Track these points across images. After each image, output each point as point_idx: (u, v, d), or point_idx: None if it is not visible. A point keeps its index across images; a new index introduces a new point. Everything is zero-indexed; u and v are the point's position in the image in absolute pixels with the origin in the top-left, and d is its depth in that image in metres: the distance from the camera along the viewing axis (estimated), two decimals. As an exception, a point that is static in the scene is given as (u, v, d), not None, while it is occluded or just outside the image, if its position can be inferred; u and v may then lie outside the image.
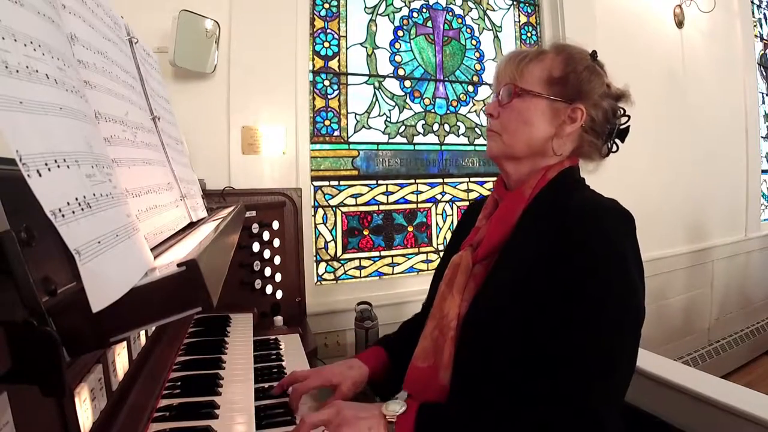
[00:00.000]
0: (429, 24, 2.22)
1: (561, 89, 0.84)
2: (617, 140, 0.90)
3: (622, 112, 0.89)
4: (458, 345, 0.80)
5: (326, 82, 1.98)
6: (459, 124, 2.27)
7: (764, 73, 3.55)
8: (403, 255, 2.16)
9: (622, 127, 0.89)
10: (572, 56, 0.86)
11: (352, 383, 0.92)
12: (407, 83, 2.16)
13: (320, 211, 1.98)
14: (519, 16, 2.44)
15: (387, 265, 2.12)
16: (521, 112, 0.84)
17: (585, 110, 0.83)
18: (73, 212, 0.34)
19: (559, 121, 0.84)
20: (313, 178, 1.94)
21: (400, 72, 2.14)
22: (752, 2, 3.40)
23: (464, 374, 0.79)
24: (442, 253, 1.12)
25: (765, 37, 3.59)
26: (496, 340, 0.76)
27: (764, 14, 3.63)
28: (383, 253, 2.11)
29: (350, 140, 2.03)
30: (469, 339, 0.79)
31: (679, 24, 2.85)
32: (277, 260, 1.49)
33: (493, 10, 2.38)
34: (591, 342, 0.68)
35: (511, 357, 0.74)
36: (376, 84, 2.09)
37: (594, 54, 0.89)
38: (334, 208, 2.01)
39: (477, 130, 2.31)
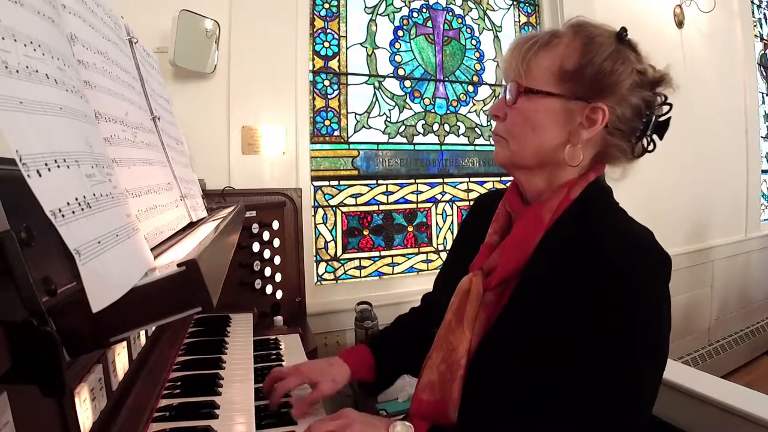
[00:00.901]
0: (429, 24, 2.22)
1: (576, 85, 0.69)
2: (654, 136, 0.75)
3: (662, 99, 0.74)
4: (467, 382, 0.73)
5: (326, 82, 1.98)
6: (459, 124, 2.27)
7: (764, 73, 3.55)
8: (403, 255, 2.16)
9: (661, 119, 0.74)
10: (591, 40, 0.70)
11: (332, 381, 0.86)
12: (407, 83, 2.16)
13: (320, 211, 1.98)
14: (519, 16, 2.44)
15: (387, 265, 2.12)
16: (528, 116, 0.72)
17: (607, 110, 0.69)
18: (73, 212, 0.34)
19: (573, 125, 0.70)
20: (313, 178, 1.94)
21: (400, 72, 2.14)
22: (752, 2, 3.40)
23: (473, 412, 0.73)
24: (448, 251, 1.07)
25: (765, 37, 3.59)
26: (507, 381, 0.70)
27: (764, 14, 3.63)
28: (383, 253, 2.11)
29: (350, 140, 2.03)
30: (480, 378, 0.73)
31: (679, 24, 2.85)
32: (277, 260, 1.49)
33: (493, 10, 2.37)
34: (618, 384, 0.63)
35: (524, 396, 0.69)
36: (376, 84, 2.09)
37: (622, 33, 0.72)
38: (334, 208, 2.01)
39: (477, 130, 2.31)
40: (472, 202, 1.02)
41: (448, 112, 2.25)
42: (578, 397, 0.64)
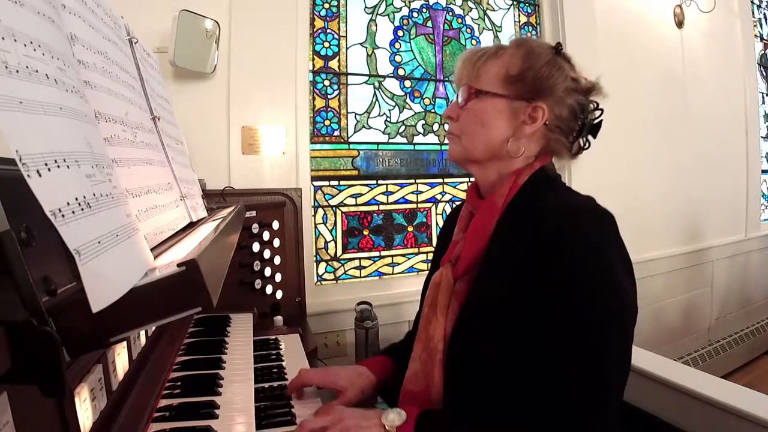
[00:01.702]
0: (429, 24, 2.21)
1: (519, 87, 0.79)
2: (589, 137, 0.85)
3: (594, 106, 0.84)
4: (447, 366, 0.79)
5: (326, 82, 1.98)
6: (459, 124, 2.27)
7: (764, 73, 3.55)
8: (403, 255, 2.16)
9: (594, 122, 0.84)
10: (532, 51, 0.81)
11: (360, 390, 0.90)
12: (407, 83, 2.16)
13: (320, 211, 1.98)
14: (519, 16, 2.44)
15: (387, 265, 2.12)
16: (477, 114, 0.81)
17: (546, 109, 0.79)
18: (73, 212, 0.34)
19: (517, 122, 0.80)
20: (313, 178, 1.94)
21: (400, 72, 2.14)
22: (752, 2, 3.40)
23: (456, 395, 0.77)
24: (429, 265, 1.12)
25: (765, 37, 3.59)
26: (483, 357, 0.74)
27: (764, 14, 3.63)
28: (383, 253, 2.11)
29: (350, 140, 2.03)
30: (457, 359, 0.77)
31: (679, 24, 2.85)
32: (277, 260, 1.49)
33: (493, 10, 2.38)
34: (579, 352, 0.66)
35: (501, 373, 0.72)
36: (376, 84, 2.09)
37: (558, 47, 0.84)
38: (334, 208, 2.01)
39: (477, 130, 2.31)
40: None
41: (448, 112, 2.25)
42: (544, 376, 0.67)
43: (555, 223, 0.71)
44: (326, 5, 1.98)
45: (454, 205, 2.24)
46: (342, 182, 2.02)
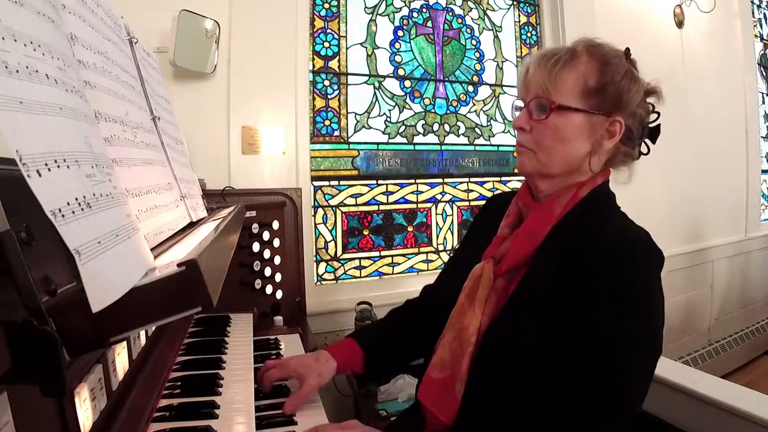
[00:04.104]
0: (429, 24, 2.21)
1: (598, 101, 0.76)
2: (648, 141, 0.83)
3: (651, 108, 0.82)
4: (475, 360, 0.78)
5: (326, 82, 1.98)
6: (459, 124, 2.27)
7: (764, 73, 3.55)
8: (403, 255, 2.16)
9: (652, 125, 0.82)
10: (608, 61, 0.78)
11: (318, 375, 0.89)
12: (407, 83, 2.16)
13: (320, 211, 1.98)
14: (519, 16, 2.44)
15: (387, 265, 2.12)
16: (558, 130, 0.77)
17: (623, 122, 0.77)
18: (73, 212, 0.34)
19: (596, 137, 0.77)
20: (313, 178, 1.94)
21: (400, 72, 2.14)
22: (752, 2, 3.40)
23: (478, 390, 0.77)
24: (458, 245, 1.09)
25: (765, 37, 3.59)
26: (513, 359, 0.73)
27: (764, 14, 3.63)
28: (383, 253, 2.11)
29: (350, 140, 2.03)
30: (487, 355, 0.77)
31: (679, 24, 2.85)
32: (277, 260, 1.49)
33: (493, 10, 2.37)
34: (603, 382, 0.66)
35: (526, 378, 0.72)
36: (376, 84, 2.09)
37: (628, 53, 0.81)
38: (334, 208, 2.01)
39: (477, 130, 2.30)
40: (484, 201, 1.08)
41: (448, 112, 2.25)
42: (567, 383, 0.68)
43: (611, 253, 0.70)
44: (326, 5, 1.98)
45: (454, 205, 2.25)
46: (342, 182, 2.02)
